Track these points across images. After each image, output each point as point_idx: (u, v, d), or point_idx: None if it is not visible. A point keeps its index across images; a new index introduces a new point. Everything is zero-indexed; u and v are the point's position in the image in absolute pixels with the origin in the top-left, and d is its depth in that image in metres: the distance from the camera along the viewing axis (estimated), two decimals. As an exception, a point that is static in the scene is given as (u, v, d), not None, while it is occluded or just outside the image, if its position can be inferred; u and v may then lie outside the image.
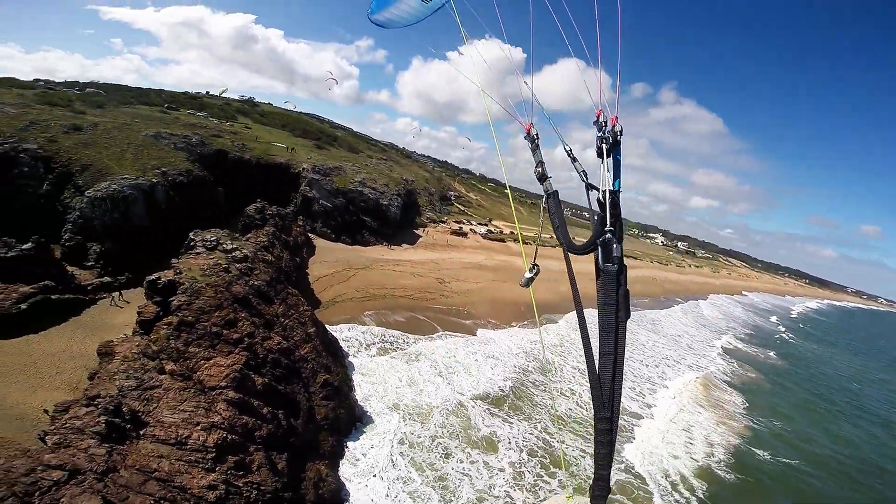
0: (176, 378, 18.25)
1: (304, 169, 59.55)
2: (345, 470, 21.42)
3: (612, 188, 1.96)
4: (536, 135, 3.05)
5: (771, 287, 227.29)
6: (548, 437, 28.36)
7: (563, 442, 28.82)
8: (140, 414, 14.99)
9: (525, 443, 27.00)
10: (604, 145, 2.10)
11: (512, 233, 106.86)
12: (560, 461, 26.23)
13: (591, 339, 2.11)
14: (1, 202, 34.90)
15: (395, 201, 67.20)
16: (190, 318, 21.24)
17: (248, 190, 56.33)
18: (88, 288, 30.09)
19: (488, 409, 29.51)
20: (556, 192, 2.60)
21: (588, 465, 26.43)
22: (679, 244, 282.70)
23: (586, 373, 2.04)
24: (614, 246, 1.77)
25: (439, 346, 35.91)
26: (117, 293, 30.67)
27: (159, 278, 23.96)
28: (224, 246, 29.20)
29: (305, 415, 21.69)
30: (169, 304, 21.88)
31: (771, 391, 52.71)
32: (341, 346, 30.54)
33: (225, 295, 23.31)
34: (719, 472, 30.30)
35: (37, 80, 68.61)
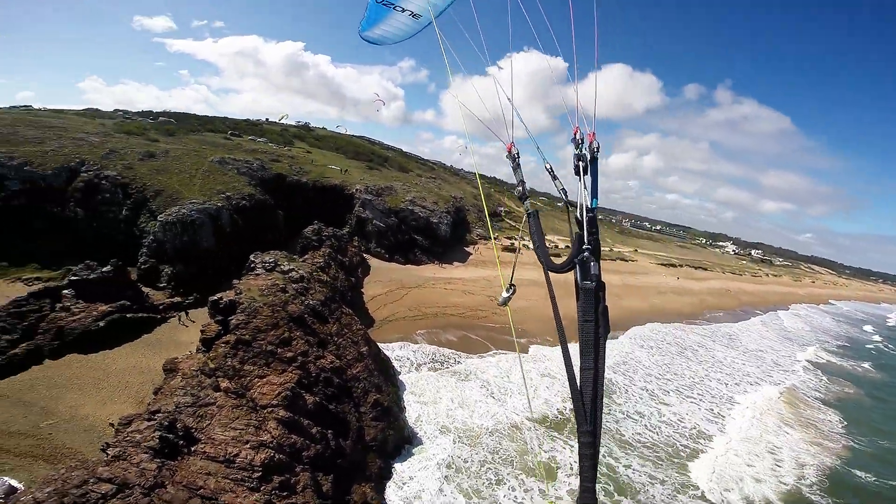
0: (230, 396, 18.40)
1: (357, 190, 61.25)
2: (391, 493, 20.47)
3: (589, 206, 1.89)
4: (517, 154, 3.05)
5: (862, 294, 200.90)
6: (613, 463, 25.82)
7: (629, 466, 26.09)
8: (193, 430, 15.06)
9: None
10: (580, 163, 2.01)
11: (568, 246, 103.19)
12: (624, 488, 23.74)
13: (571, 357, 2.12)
14: (86, 226, 38.68)
15: (444, 219, 67.12)
16: (247, 336, 21.62)
17: (306, 212, 58.73)
18: (160, 307, 32.03)
19: (546, 432, 27.48)
20: (537, 212, 2.61)
21: (658, 492, 24.18)
22: (753, 252, 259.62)
23: (567, 390, 1.53)
24: (592, 264, 1.77)
25: (491, 364, 34.43)
26: (184, 312, 32.38)
27: (221, 298, 24.84)
28: (282, 267, 30.02)
29: (354, 435, 21.12)
30: (228, 322, 22.48)
31: (871, 406, 45.84)
32: (393, 365, 30.04)
33: (281, 314, 23.62)
34: (812, 496, 26.66)
35: (116, 111, 76.68)
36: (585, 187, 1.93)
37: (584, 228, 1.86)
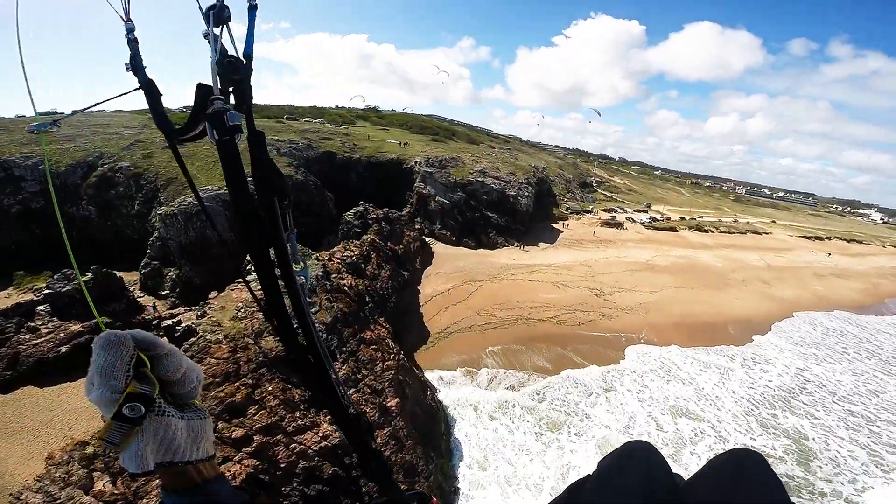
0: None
1: (416, 163, 51.09)
2: None
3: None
4: None
5: None
6: None
7: None
8: None
9: None
10: None
11: (684, 218, 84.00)
12: None
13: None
14: (101, 225, 33.44)
15: (524, 191, 54.38)
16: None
17: (361, 193, 50.24)
18: (152, 322, 24.83)
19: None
20: None
21: None
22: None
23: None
24: (229, 114, 0.86)
25: (612, 406, 22.15)
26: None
27: (179, 322, 16.11)
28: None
29: None
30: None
31: None
32: (447, 412, 19.38)
33: (247, 354, 14.03)
34: None
35: (184, 108, 74.81)
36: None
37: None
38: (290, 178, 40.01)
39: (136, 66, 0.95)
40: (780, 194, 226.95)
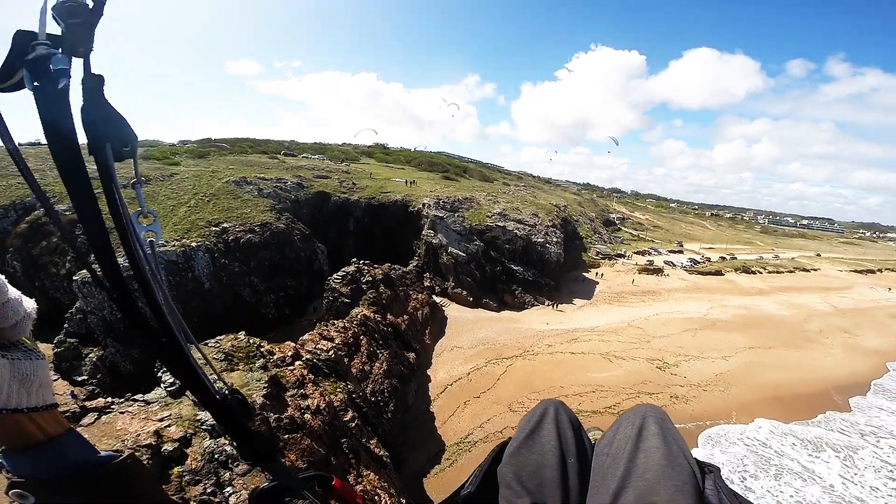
0: None
1: (424, 205, 43.32)
2: None
3: None
4: None
5: None
6: None
7: None
8: None
9: None
10: None
11: (724, 258, 74.86)
12: None
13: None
14: (25, 287, 25.44)
15: (552, 236, 46.15)
16: None
17: (359, 241, 42.35)
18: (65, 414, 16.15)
19: None
20: None
21: None
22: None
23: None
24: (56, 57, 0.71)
25: None
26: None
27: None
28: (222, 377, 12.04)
29: None
30: None
31: None
32: None
33: None
34: None
35: (184, 142, 69.45)
36: None
37: None
38: (268, 225, 32.34)
39: None
40: (805, 222, 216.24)
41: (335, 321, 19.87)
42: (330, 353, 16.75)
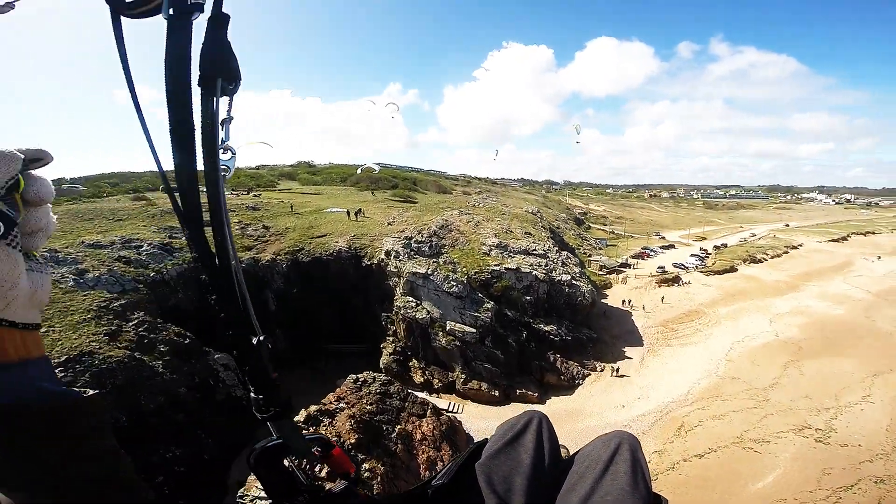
0: None
1: (388, 253, 27.24)
2: None
3: None
4: None
5: None
6: None
7: None
8: None
9: None
10: None
11: (717, 247, 66.42)
12: None
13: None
14: None
15: (571, 265, 32.45)
16: None
17: (294, 328, 25.52)
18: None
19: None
20: None
21: None
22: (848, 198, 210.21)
23: None
24: None
25: None
26: None
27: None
28: None
29: None
30: None
31: None
32: None
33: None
34: None
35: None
36: None
37: None
38: (91, 357, 14.91)
39: None
40: (733, 192, 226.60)
41: None
42: None
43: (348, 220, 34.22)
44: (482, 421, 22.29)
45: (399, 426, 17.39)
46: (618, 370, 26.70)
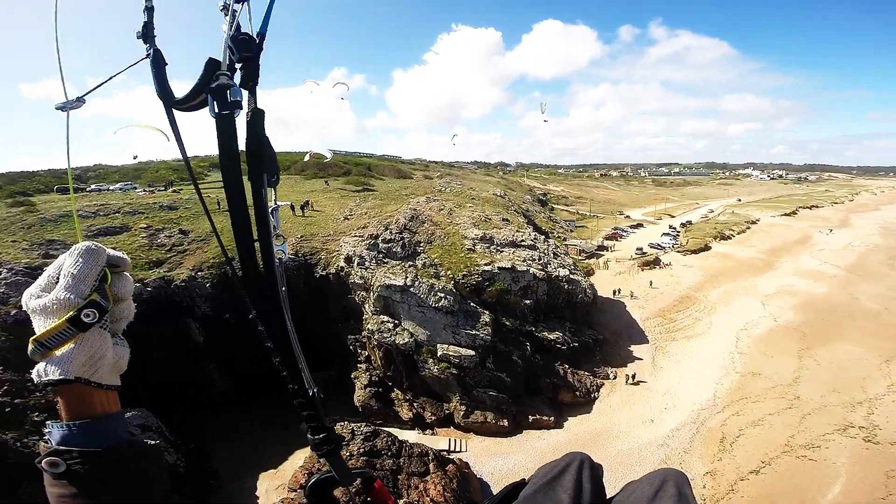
0: None
1: (348, 259, 21.35)
2: None
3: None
4: None
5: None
6: None
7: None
8: None
9: None
10: None
11: (684, 225, 65.51)
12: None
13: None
14: None
15: (563, 259, 28.14)
16: None
17: (232, 364, 19.29)
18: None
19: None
20: None
21: None
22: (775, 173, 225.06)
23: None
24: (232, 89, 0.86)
25: None
26: None
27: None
28: None
29: None
30: None
31: None
32: None
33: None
34: None
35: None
36: None
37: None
38: None
39: (146, 34, 0.92)
40: (677, 170, 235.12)
41: None
42: None
43: (292, 217, 27.67)
44: (492, 458, 17.51)
45: (401, 501, 12.25)
46: (633, 377, 22.84)
